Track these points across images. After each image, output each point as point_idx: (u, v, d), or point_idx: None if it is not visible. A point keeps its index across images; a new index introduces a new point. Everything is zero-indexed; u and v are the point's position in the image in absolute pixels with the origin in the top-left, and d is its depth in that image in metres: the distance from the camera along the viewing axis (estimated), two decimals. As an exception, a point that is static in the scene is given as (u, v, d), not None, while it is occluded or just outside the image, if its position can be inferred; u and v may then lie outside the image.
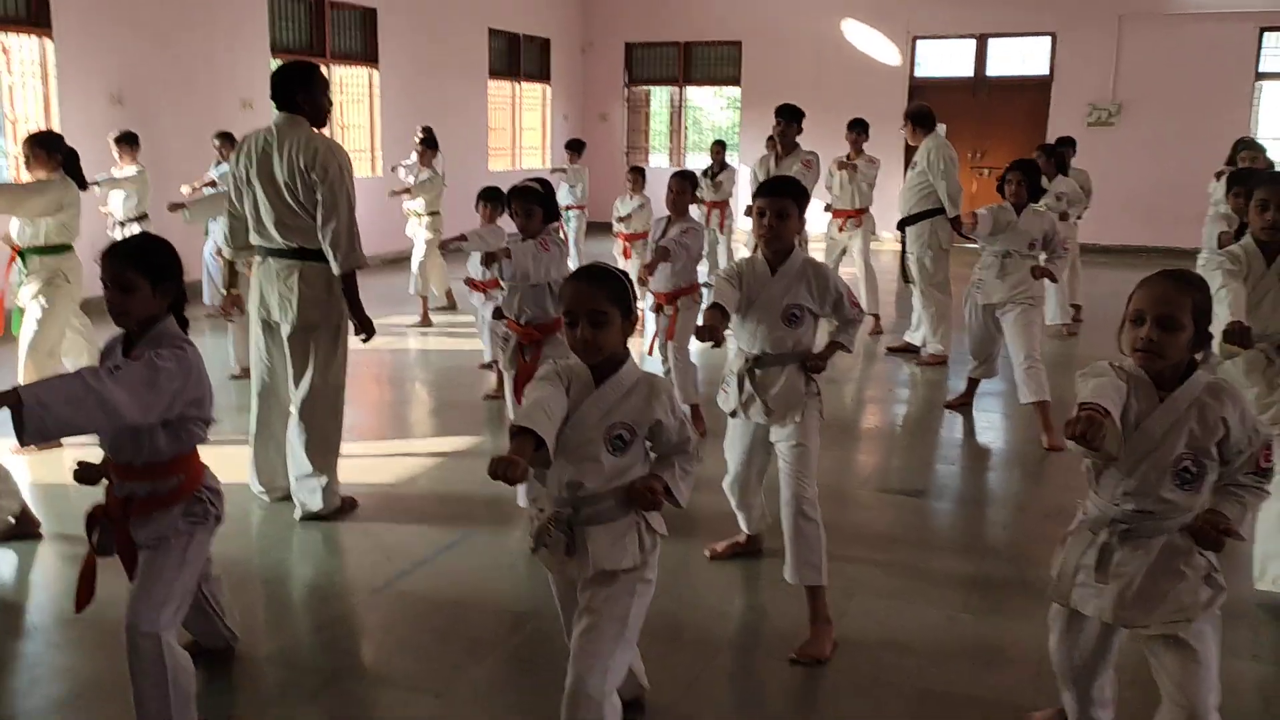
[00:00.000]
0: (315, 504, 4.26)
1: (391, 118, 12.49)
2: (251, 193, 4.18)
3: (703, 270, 6.50)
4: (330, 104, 4.33)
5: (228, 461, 2.82)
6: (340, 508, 4.35)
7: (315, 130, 4.18)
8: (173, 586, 2.57)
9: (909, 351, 7.64)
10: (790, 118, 7.83)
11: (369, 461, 5.01)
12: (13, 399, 2.18)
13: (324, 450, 4.27)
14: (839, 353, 3.53)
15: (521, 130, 15.76)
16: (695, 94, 17.12)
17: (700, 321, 3.19)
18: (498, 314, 4.57)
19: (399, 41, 12.61)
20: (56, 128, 7.97)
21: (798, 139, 7.92)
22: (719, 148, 10.50)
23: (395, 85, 12.59)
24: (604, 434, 2.33)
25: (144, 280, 2.56)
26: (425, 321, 8.74)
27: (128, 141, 8.02)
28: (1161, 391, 2.30)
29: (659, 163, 16.60)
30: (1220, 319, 3.11)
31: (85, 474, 2.68)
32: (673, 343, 5.43)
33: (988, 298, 5.70)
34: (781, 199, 3.30)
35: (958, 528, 4.49)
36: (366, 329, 4.22)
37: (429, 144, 9.00)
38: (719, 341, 3.12)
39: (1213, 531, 2.22)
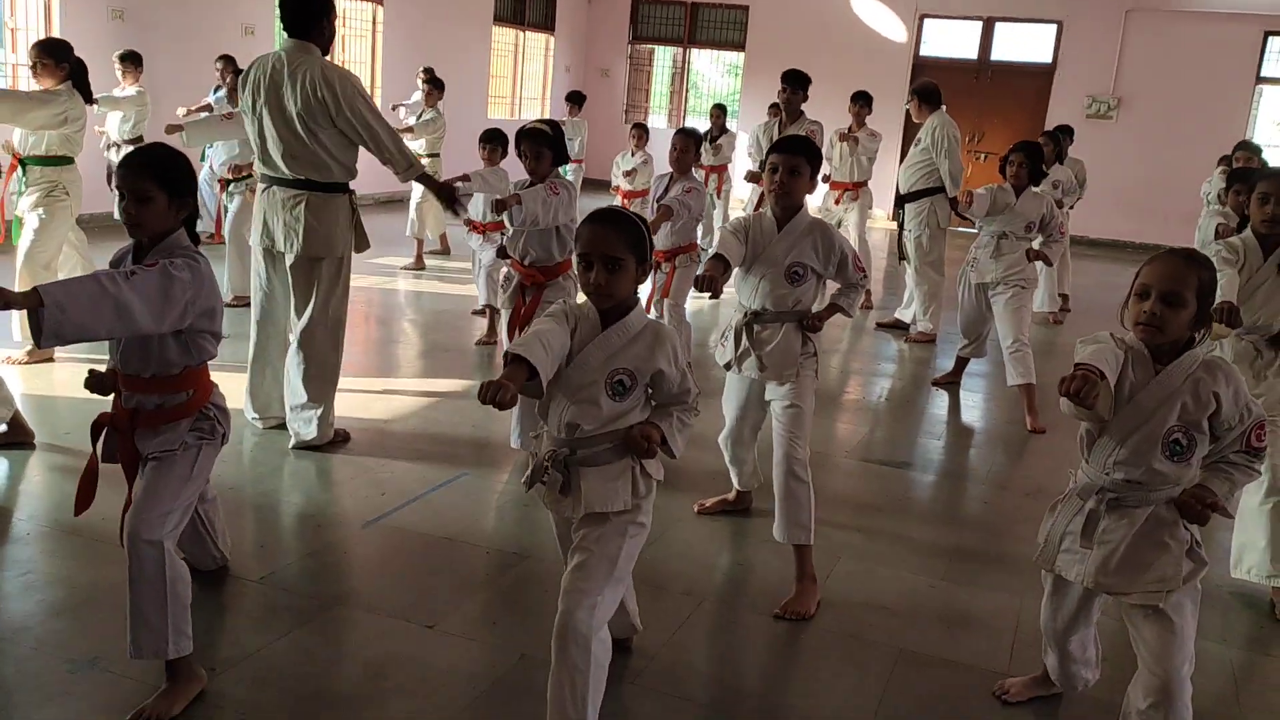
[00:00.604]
0: (309, 433, 4.28)
1: (393, 56, 12.36)
2: (258, 122, 4.13)
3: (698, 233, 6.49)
4: (334, 30, 4.29)
5: (220, 387, 2.83)
6: (333, 440, 4.37)
7: (325, 59, 4.13)
8: (177, 498, 2.58)
9: (898, 328, 7.70)
10: (797, 84, 7.79)
11: (361, 397, 5.03)
12: (34, 300, 2.18)
13: (321, 381, 4.28)
14: (834, 316, 3.56)
15: (523, 79, 15.63)
16: (697, 58, 17.00)
17: (701, 271, 3.21)
18: (501, 253, 4.59)
19: (406, -22, 12.46)
20: (56, 40, 7.84)
21: (802, 107, 7.91)
22: (719, 112, 10.48)
23: (399, 23, 12.44)
24: (605, 378, 2.35)
25: (161, 192, 2.53)
26: (419, 264, 8.73)
27: (131, 61, 7.89)
28: (1158, 366, 2.36)
29: (658, 124, 16.50)
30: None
31: (97, 383, 2.66)
32: (668, 300, 5.46)
33: (981, 277, 5.75)
34: (795, 156, 3.32)
35: (940, 500, 4.56)
36: (451, 200, 4.47)
37: (435, 84, 8.93)
38: (717, 292, 3.14)
39: (1198, 505, 2.29)
